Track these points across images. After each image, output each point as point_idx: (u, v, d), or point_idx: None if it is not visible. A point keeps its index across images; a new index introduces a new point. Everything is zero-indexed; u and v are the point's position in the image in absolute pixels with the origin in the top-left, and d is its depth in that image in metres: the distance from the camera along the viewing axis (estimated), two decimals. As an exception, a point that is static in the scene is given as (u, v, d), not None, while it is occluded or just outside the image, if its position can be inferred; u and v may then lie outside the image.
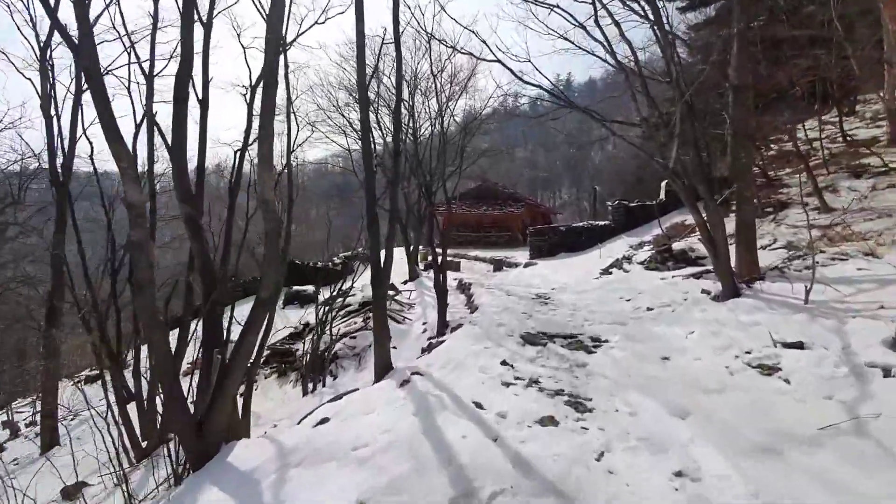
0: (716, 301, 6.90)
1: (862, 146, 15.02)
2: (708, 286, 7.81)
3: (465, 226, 24.92)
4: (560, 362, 4.86)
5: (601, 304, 8.60)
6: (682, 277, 9.20)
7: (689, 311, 6.58)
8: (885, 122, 16.52)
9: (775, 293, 6.54)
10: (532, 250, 17.14)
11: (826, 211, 10.93)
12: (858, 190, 11.52)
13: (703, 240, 6.83)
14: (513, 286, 12.52)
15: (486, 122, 16.18)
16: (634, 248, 13.93)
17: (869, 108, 19.16)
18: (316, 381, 8.43)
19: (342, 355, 8.84)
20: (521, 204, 25.50)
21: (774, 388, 3.74)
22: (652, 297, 8.03)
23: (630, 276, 10.79)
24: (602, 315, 7.57)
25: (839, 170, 13.28)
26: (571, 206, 70.00)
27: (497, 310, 8.91)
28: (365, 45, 5.88)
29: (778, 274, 7.50)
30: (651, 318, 6.74)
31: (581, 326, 6.92)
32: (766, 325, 5.17)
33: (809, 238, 9.79)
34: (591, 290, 10.32)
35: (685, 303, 7.12)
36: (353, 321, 10.89)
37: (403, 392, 4.29)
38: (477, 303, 10.35)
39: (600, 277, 11.50)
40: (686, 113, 6.34)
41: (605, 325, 6.83)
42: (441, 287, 8.63)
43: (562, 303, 9.38)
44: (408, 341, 9.69)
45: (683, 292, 7.72)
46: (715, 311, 6.32)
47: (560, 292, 10.66)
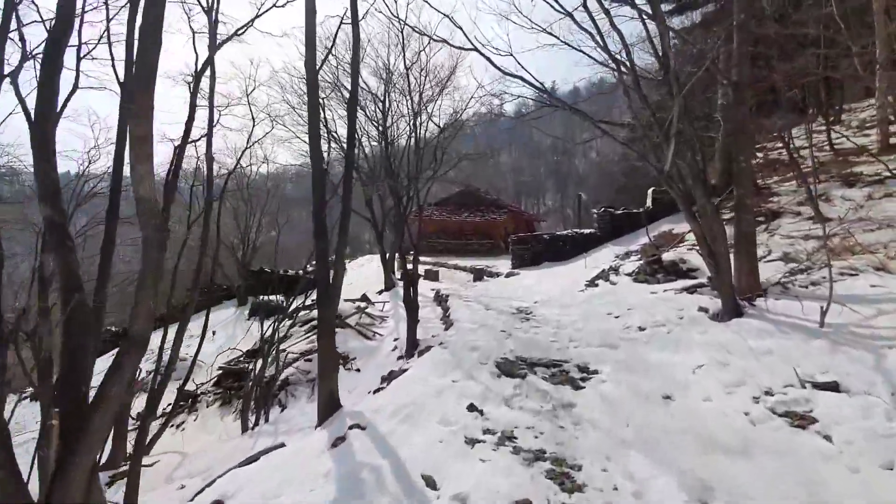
0: (716, 321, 6.14)
1: (851, 154, 14.71)
2: (705, 302, 7.07)
3: (446, 233, 24.04)
4: (542, 402, 3.99)
5: (587, 321, 7.79)
6: (674, 291, 8.46)
7: (688, 333, 5.79)
8: (872, 132, 16.29)
9: (782, 312, 5.80)
10: (514, 259, 16.36)
11: (822, 221, 10.36)
12: (853, 199, 11.01)
13: (702, 252, 6.08)
14: (493, 298, 11.67)
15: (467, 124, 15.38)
16: (621, 257, 13.24)
17: (855, 116, 18.99)
18: (260, 414, 7.26)
19: (294, 381, 7.75)
20: (504, 210, 24.75)
21: (814, 448, 2.94)
22: (643, 314, 7.25)
23: (617, 288, 10.03)
24: (589, 334, 6.75)
25: (829, 178, 12.84)
26: (556, 213, 69.86)
27: (473, 326, 8.03)
28: (316, 23, 5.01)
29: (781, 290, 6.80)
30: (644, 341, 5.93)
31: (566, 349, 6.08)
32: (780, 354, 4.39)
33: (810, 251, 9.25)
34: (577, 303, 9.52)
35: (681, 322, 6.34)
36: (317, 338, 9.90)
37: (332, 460, 3.32)
38: (453, 317, 9.46)
39: (586, 290, 10.73)
40: (683, 110, 5.59)
41: (593, 349, 6.01)
42: (411, 302, 7.71)
43: (544, 319, 8.55)
44: (375, 360, 8.73)
45: (678, 309, 6.96)
46: (717, 333, 5.55)
47: (543, 306, 9.84)
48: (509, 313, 9.49)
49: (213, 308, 19.39)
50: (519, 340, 6.82)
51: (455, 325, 8.58)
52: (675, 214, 15.61)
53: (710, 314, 6.42)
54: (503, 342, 6.67)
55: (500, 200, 26.64)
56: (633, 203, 21.21)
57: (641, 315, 7.28)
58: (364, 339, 10.16)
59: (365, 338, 10.19)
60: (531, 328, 7.80)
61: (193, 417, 8.19)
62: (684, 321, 6.35)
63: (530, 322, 8.46)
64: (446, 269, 19.38)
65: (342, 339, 9.88)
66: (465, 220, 23.81)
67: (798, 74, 10.49)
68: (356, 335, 10.16)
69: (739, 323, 5.67)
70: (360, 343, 9.81)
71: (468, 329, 7.81)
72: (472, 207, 24.47)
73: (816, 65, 10.11)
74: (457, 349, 5.83)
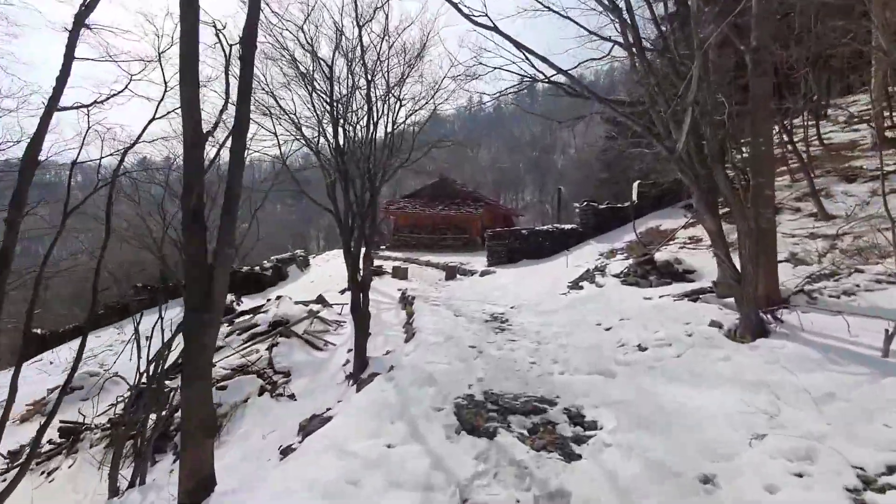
0: (734, 340, 4.92)
1: (844, 149, 13.97)
2: (714, 314, 5.87)
3: (419, 227, 22.53)
4: (519, 488, 2.62)
5: (573, 334, 6.52)
6: (672, 298, 7.27)
7: (704, 358, 4.55)
8: (861, 127, 15.65)
9: (818, 331, 4.62)
10: (490, 256, 15.06)
11: (826, 218, 9.40)
12: (856, 195, 10.12)
13: (719, 255, 4.82)
14: (464, 301, 10.32)
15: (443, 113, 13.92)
16: (606, 255, 12.07)
17: (842, 112, 18.39)
18: (137, 472, 5.36)
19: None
20: (481, 204, 23.36)
21: None
22: (640, 327, 6.01)
23: (605, 292, 8.81)
24: (577, 354, 5.45)
25: (826, 174, 11.97)
26: (534, 207, 69.06)
27: (437, 340, 6.65)
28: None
29: (807, 300, 5.65)
30: (648, 367, 4.66)
31: (549, 378, 4.75)
32: (846, 399, 3.16)
33: (819, 251, 8.23)
34: (559, 309, 8.26)
35: (691, 341, 5.10)
36: (256, 349, 8.34)
37: None
38: (416, 325, 8.06)
39: (568, 293, 9.48)
40: (704, 72, 4.30)
41: (583, 377, 4.70)
42: (360, 312, 6.26)
43: (522, 329, 7.24)
44: (319, 380, 7.25)
45: (684, 323, 5.73)
46: (744, 360, 4.31)
47: (521, 312, 8.54)
48: (482, 321, 8.15)
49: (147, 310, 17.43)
50: (491, 361, 5.47)
51: (417, 337, 7.18)
52: (663, 209, 14.60)
53: (726, 330, 5.20)
54: (471, 365, 5.30)
55: (476, 193, 25.23)
56: (613, 199, 20.23)
57: (637, 328, 6.04)
58: (313, 349, 8.66)
59: (314, 348, 8.69)
60: (506, 342, 6.46)
61: (70, 462, 6.47)
62: (695, 340, 5.11)
63: (505, 333, 7.14)
64: (417, 265, 17.94)
65: (285, 349, 8.36)
66: (438, 213, 22.34)
67: (826, 45, 9.35)
68: (303, 345, 8.66)
69: (770, 347, 4.45)
70: (306, 355, 8.31)
71: (431, 343, 6.42)
72: (446, 200, 23.01)
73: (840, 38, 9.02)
74: (406, 383, 4.41)
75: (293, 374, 7.71)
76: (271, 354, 8.01)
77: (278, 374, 7.67)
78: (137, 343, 8.07)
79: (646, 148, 7.47)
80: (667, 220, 13.31)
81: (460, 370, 5.05)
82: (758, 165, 5.66)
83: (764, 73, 5.59)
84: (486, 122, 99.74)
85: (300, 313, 9.78)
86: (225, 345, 9.20)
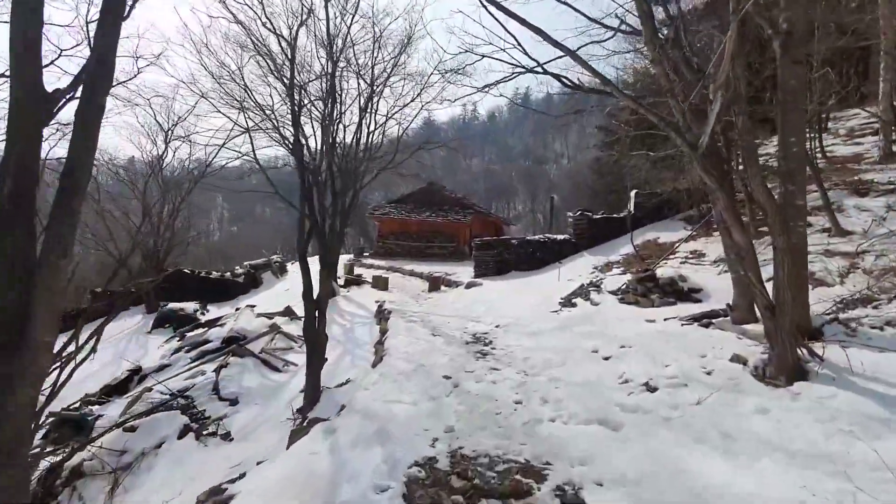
0: (764, 381, 3.98)
1: (849, 162, 13.32)
2: (732, 344, 4.94)
3: (405, 234, 21.45)
4: None
5: (567, 363, 5.55)
6: (680, 322, 6.35)
7: (733, 408, 3.60)
8: (863, 140, 15.09)
9: (872, 375, 3.69)
10: (478, 266, 14.09)
11: (841, 234, 8.58)
12: (870, 209, 9.36)
13: (750, 278, 3.87)
14: (446, 317, 9.32)
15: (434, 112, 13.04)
16: (601, 269, 11.17)
17: (842, 125, 17.87)
18: None
19: (90, 471, 4.76)
20: (470, 211, 22.35)
21: None
22: (646, 359, 5.05)
23: (601, 311, 7.87)
24: (572, 393, 4.47)
25: (834, 186, 11.23)
26: (526, 217, 68.48)
27: (407, 367, 5.65)
28: None
29: (844, 331, 4.74)
30: (663, 417, 3.69)
31: (539, 430, 3.76)
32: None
33: (840, 270, 7.41)
34: (550, 330, 7.29)
35: (712, 381, 4.15)
36: (202, 370, 7.23)
37: None
38: (387, 346, 7.04)
39: (561, 311, 8.52)
40: (739, 44, 3.39)
41: (581, 429, 3.72)
42: (315, 334, 5.21)
43: (508, 355, 6.25)
44: (270, 410, 6.17)
45: (699, 356, 4.78)
46: (787, 414, 3.36)
47: (507, 332, 7.56)
48: (462, 342, 7.15)
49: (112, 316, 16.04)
50: (466, 400, 4.46)
51: (385, 362, 6.17)
52: (661, 221, 13.81)
53: (752, 368, 4.26)
54: (441, 405, 4.30)
55: (465, 200, 24.26)
56: (607, 209, 19.42)
57: (643, 359, 5.08)
58: (270, 371, 7.58)
59: (271, 370, 7.61)
60: (488, 372, 5.46)
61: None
62: (716, 380, 4.16)
63: (488, 359, 6.14)
64: (401, 274, 16.91)
65: (235, 372, 7.27)
66: (425, 219, 21.31)
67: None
68: (259, 366, 7.57)
69: (817, 396, 3.50)
70: (261, 379, 7.23)
71: (398, 373, 5.41)
72: (434, 207, 22.01)
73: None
74: (348, 442, 3.37)
75: (241, 402, 6.62)
76: (218, 378, 6.92)
77: (223, 402, 6.58)
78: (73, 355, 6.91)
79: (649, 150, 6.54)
80: (665, 232, 12.48)
81: (426, 413, 4.04)
82: (788, 170, 4.76)
83: (797, 61, 4.71)
84: (480, 131, 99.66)
85: (260, 328, 8.70)
86: (170, 363, 8.08)
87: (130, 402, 6.78)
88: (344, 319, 10.99)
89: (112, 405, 7.27)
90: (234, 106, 10.03)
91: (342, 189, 7.01)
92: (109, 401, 7.44)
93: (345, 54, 6.78)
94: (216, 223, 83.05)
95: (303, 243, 5.70)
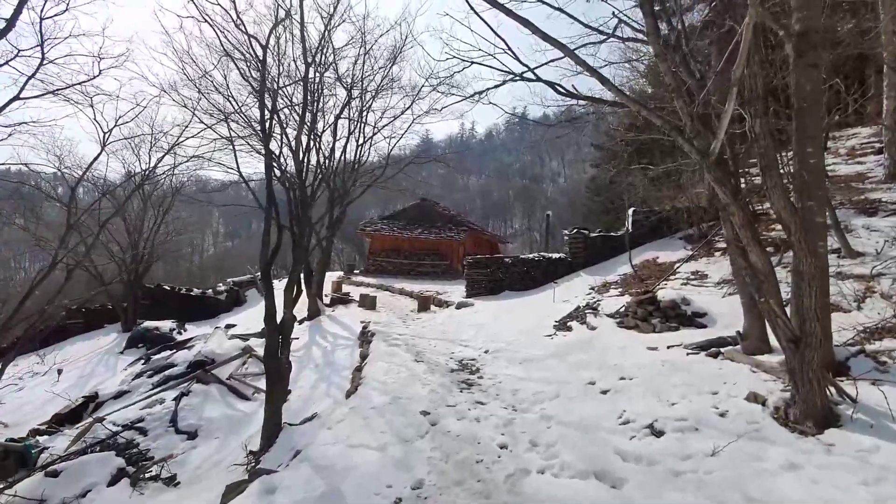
0: (789, 427, 3.39)
1: (853, 181, 12.97)
2: (746, 379, 4.36)
3: (396, 251, 20.88)
4: None
5: (560, 397, 4.96)
6: (685, 351, 5.77)
7: (757, 463, 3.01)
8: (865, 159, 14.80)
9: (916, 422, 3.12)
10: (469, 286, 13.50)
11: (852, 255, 8.09)
12: (879, 229, 8.90)
13: (771, 305, 3.32)
14: (431, 340, 8.70)
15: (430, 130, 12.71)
16: (598, 290, 10.61)
17: (842, 144, 17.64)
18: None
19: None
20: (464, 229, 21.81)
21: None
22: (649, 394, 4.47)
23: (598, 336, 7.28)
24: (565, 437, 3.86)
25: (840, 206, 10.80)
26: (523, 235, 68.16)
27: (383, 400, 5.04)
28: None
29: (874, 365, 4.18)
30: (673, 472, 3.09)
31: (524, 485, 3.16)
32: None
33: (854, 293, 6.90)
34: (543, 357, 6.69)
35: (727, 426, 3.57)
36: (161, 398, 6.54)
37: None
38: (364, 375, 6.42)
39: (555, 335, 7.93)
40: (755, 37, 2.93)
41: (574, 485, 3.12)
42: (276, 363, 4.60)
43: (496, 386, 5.65)
44: (229, 446, 5.51)
45: (710, 393, 4.20)
46: (824, 473, 2.77)
47: (496, 359, 6.95)
48: (446, 369, 6.54)
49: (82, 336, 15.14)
50: (443, 444, 3.85)
51: (359, 393, 5.55)
52: (660, 239, 13.32)
53: (773, 409, 3.68)
54: (413, 450, 3.69)
55: (459, 217, 23.76)
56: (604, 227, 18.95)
57: (646, 395, 4.49)
58: (237, 399, 6.91)
59: (239, 398, 6.94)
60: (471, 408, 4.85)
61: None
62: (732, 424, 3.58)
63: (473, 391, 5.53)
64: (390, 293, 16.28)
65: (198, 401, 6.61)
66: (418, 237, 20.76)
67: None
68: (225, 393, 6.91)
69: (856, 449, 2.93)
70: (225, 408, 6.56)
71: (370, 408, 4.80)
72: (427, 224, 21.48)
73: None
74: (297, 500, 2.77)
75: (200, 435, 5.95)
76: (177, 407, 6.25)
77: (181, 435, 5.91)
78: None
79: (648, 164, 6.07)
80: (665, 251, 11.96)
81: (393, 462, 3.43)
82: (805, 183, 4.26)
83: (813, 65, 4.27)
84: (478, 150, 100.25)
85: (231, 350, 8.04)
86: (130, 389, 7.40)
87: (79, 435, 6.09)
88: (326, 341, 10.34)
89: (60, 436, 6.57)
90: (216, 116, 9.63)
91: (329, 202, 6.55)
92: (59, 431, 6.75)
93: (323, 57, 6.32)
94: (211, 239, 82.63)
95: (266, 260, 5.13)
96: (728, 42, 4.00)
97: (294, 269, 5.55)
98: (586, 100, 5.32)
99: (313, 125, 6.55)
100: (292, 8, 6.15)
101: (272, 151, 5.69)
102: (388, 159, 13.17)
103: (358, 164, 12.02)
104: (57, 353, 13.61)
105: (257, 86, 5.72)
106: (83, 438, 5.91)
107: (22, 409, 9.38)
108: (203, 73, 6.91)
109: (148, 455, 5.16)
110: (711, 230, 11.93)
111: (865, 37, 10.18)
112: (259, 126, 7.00)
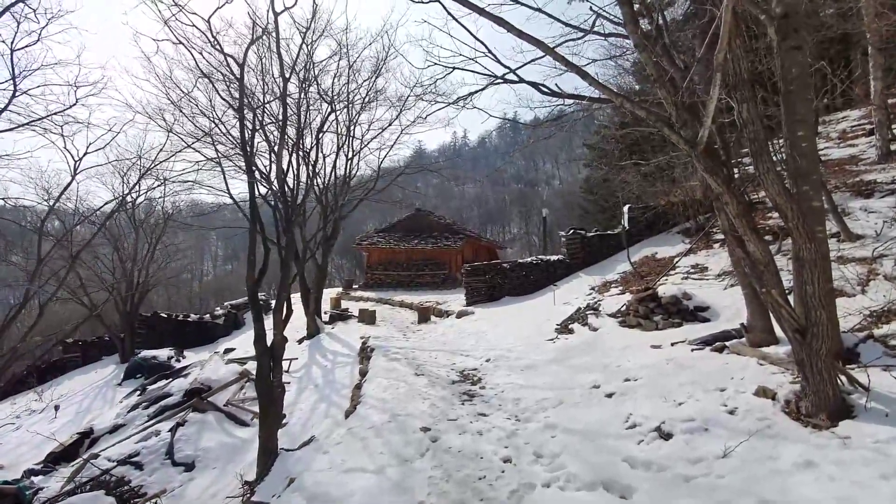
0: (801, 421, 3.25)
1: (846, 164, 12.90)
2: (754, 373, 4.21)
3: (394, 263, 20.73)
4: None
5: (563, 404, 4.81)
6: (689, 347, 5.63)
7: (771, 462, 2.86)
8: (857, 142, 14.74)
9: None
10: (469, 294, 13.36)
11: (851, 238, 7.98)
12: (877, 210, 8.80)
13: (773, 295, 3.20)
14: (432, 352, 8.54)
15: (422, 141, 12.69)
16: (598, 290, 10.47)
17: (832, 128, 17.63)
18: None
19: None
20: (461, 237, 21.66)
21: None
22: (655, 395, 4.31)
23: (601, 337, 7.13)
24: (570, 446, 3.71)
25: (835, 189, 10.71)
26: (521, 240, 68.02)
27: (379, 421, 4.87)
28: None
29: (884, 351, 4.04)
30: (683, 477, 2.94)
31: (528, 502, 2.99)
32: None
33: (858, 277, 6.77)
34: (545, 363, 6.54)
35: (737, 423, 3.42)
36: (157, 430, 6.37)
37: None
38: (363, 392, 6.26)
39: (557, 339, 7.78)
40: (735, 21, 2.84)
41: (580, 496, 2.98)
42: (268, 387, 4.46)
43: (498, 396, 5.49)
44: (227, 476, 5.33)
45: (718, 390, 4.05)
46: (842, 471, 2.62)
47: (498, 367, 6.79)
48: (447, 382, 6.38)
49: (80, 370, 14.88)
50: (444, 462, 3.69)
51: (357, 413, 5.39)
52: (657, 235, 13.21)
53: (784, 403, 3.53)
54: (411, 472, 3.53)
55: (455, 225, 23.63)
56: (600, 226, 18.84)
57: (652, 396, 4.34)
58: (236, 426, 6.74)
59: (237, 424, 6.77)
60: (473, 421, 4.69)
61: None
62: (742, 421, 3.43)
63: (475, 402, 5.37)
64: (390, 306, 16.12)
65: (194, 430, 6.43)
66: (414, 247, 20.64)
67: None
68: (223, 420, 6.74)
69: (873, 441, 2.78)
70: (223, 436, 6.38)
71: (368, 427, 4.64)
72: (422, 234, 21.36)
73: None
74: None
75: (198, 466, 5.78)
76: (173, 438, 6.08)
77: (178, 467, 5.73)
78: None
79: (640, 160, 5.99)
80: (663, 246, 11.85)
81: (391, 486, 3.27)
82: (799, 167, 4.16)
83: (797, 47, 4.19)
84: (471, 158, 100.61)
85: (228, 376, 7.88)
86: (125, 423, 7.23)
87: (73, 474, 5.92)
88: (326, 360, 10.16)
89: (54, 475, 6.39)
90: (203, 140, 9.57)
91: (322, 218, 6.45)
92: (54, 470, 6.56)
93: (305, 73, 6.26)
94: (210, 262, 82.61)
95: (252, 281, 5.00)
96: (710, 31, 3.93)
97: (281, 287, 5.41)
98: (570, 97, 5.24)
99: (299, 141, 6.46)
100: (269, 25, 6.11)
101: (256, 169, 5.59)
102: (379, 171, 13.08)
103: (349, 177, 11.95)
104: (55, 388, 13.42)
105: (237, 105, 5.64)
106: (76, 478, 5.75)
107: (18, 448, 9.18)
108: (185, 94, 6.85)
109: (140, 492, 5.00)
110: (708, 222, 11.85)
111: (848, 16, 10.17)
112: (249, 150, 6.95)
